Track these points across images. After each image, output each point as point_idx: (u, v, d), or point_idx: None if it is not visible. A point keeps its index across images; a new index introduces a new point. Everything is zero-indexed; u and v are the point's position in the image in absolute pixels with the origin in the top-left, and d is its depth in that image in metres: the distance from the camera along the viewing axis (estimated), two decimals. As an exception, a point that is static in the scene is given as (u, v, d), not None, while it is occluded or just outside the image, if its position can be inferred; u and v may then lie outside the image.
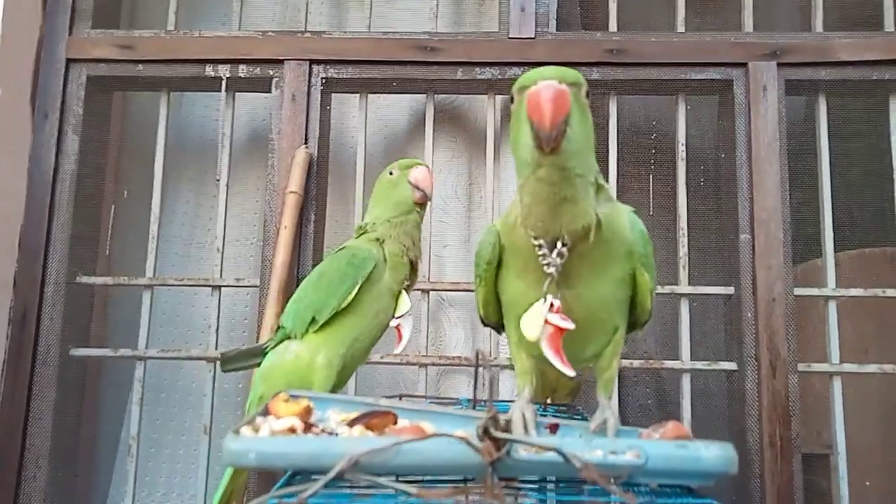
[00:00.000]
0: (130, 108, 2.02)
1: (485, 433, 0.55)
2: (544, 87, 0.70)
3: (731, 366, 1.64)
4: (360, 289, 1.07)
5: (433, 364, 1.68)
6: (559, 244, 0.75)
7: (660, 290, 1.69)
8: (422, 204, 1.16)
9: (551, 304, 0.76)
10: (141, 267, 1.74)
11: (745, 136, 1.67)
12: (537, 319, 0.76)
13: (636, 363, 1.66)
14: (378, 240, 1.14)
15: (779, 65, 1.68)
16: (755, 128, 1.66)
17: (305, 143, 1.67)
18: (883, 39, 1.69)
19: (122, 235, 1.93)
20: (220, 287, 1.71)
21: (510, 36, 1.71)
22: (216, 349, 1.68)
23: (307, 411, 0.69)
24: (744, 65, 1.69)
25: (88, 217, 1.77)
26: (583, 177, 0.74)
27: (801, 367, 1.59)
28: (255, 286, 1.67)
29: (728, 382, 1.69)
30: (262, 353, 1.16)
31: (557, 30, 1.75)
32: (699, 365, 1.65)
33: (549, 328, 0.75)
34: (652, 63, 1.70)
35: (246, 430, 0.63)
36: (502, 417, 0.56)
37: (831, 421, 1.61)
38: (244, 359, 1.21)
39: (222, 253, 1.73)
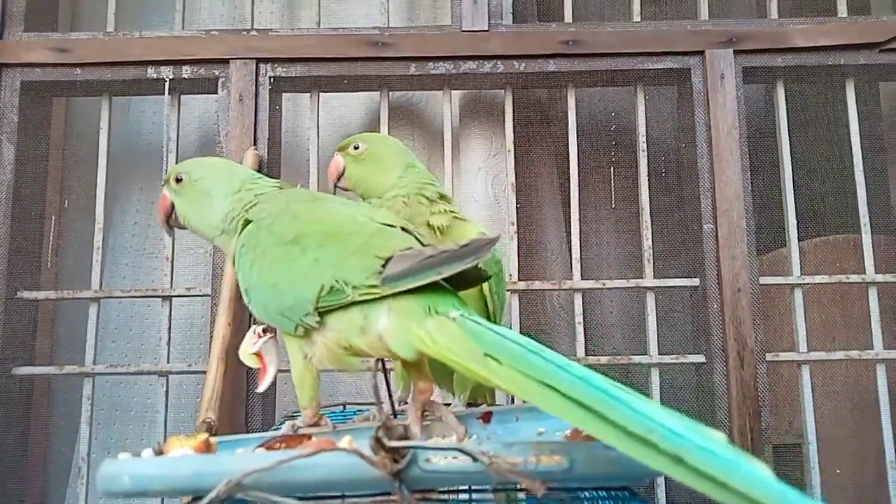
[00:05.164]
0: (73, 115, 1.94)
1: (377, 443, 0.49)
2: None
3: (700, 358, 1.61)
4: None
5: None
6: None
7: (625, 284, 1.66)
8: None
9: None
10: (90, 280, 1.66)
11: (704, 125, 1.65)
12: None
13: (604, 360, 1.62)
14: None
15: (735, 52, 1.66)
16: (714, 116, 1.63)
17: (255, 144, 1.61)
18: (836, 25, 1.68)
19: (72, 247, 1.85)
20: (170, 297, 1.64)
21: (463, 29, 1.66)
22: (168, 363, 1.61)
23: (205, 445, 0.63)
24: (701, 53, 1.67)
25: (29, 229, 1.68)
26: None
27: (770, 356, 1.57)
28: (207, 295, 1.60)
29: (697, 375, 1.66)
30: None
31: (514, 22, 1.71)
32: (667, 359, 1.62)
33: None
34: (608, 53, 1.67)
35: (124, 455, 0.59)
36: (399, 423, 0.50)
37: (801, 410, 1.59)
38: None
39: (172, 262, 1.66)
